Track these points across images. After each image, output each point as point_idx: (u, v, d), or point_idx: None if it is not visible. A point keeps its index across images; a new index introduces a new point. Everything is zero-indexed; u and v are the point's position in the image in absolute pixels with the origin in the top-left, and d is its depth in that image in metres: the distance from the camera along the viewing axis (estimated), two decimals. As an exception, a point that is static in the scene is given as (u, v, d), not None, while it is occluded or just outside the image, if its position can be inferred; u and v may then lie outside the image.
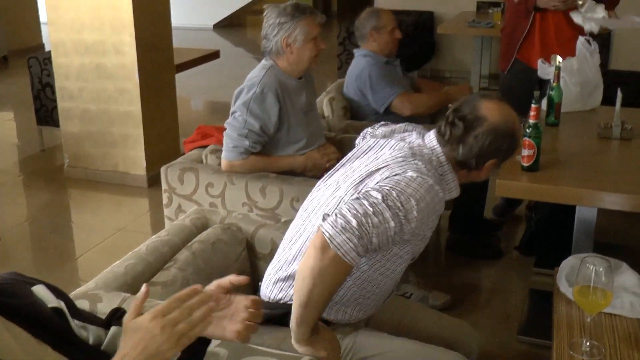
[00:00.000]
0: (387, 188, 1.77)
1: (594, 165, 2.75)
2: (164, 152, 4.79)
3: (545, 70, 3.33)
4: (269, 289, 2.08)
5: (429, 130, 2.07)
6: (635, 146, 2.91)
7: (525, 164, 2.58)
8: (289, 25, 2.83)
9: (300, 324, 1.78)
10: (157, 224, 3.99)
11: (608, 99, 3.31)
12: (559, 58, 3.25)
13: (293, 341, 1.81)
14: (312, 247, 1.71)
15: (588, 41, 3.35)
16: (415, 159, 1.88)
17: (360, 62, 3.72)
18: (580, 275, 1.76)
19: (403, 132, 2.10)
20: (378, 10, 3.77)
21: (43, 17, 6.27)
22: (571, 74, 3.25)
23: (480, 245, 3.69)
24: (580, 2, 3.47)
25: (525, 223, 4.02)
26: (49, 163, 5.38)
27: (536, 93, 2.67)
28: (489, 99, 1.99)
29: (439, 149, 1.97)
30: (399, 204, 1.73)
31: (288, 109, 2.89)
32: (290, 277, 1.99)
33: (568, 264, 2.12)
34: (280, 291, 2.04)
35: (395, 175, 1.83)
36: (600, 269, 1.73)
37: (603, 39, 5.41)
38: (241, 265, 2.35)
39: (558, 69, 3.13)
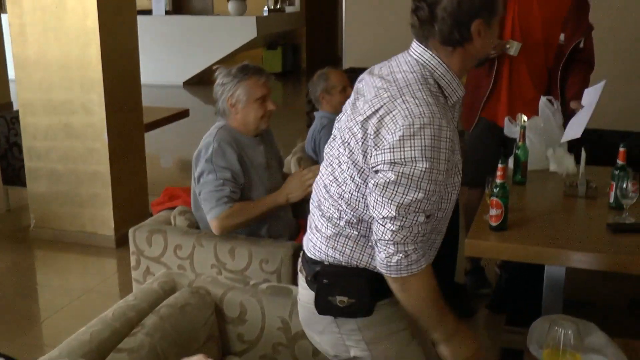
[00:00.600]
0: (395, 191, 1.72)
1: (561, 223, 2.78)
2: (132, 211, 4.76)
3: (511, 129, 3.38)
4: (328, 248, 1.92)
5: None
6: (600, 205, 2.95)
7: (494, 224, 2.60)
8: (231, 86, 2.91)
9: (430, 329, 1.89)
10: (125, 286, 3.93)
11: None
12: (524, 117, 3.32)
13: (441, 347, 1.90)
14: (397, 292, 1.82)
15: (550, 101, 3.43)
16: (400, 101, 1.74)
17: (317, 124, 3.80)
18: (549, 337, 1.76)
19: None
20: (327, 72, 3.82)
21: (12, 74, 6.31)
22: (536, 133, 3.31)
23: (451, 305, 3.67)
24: (508, 46, 3.52)
25: (495, 281, 4.03)
26: (14, 224, 5.30)
27: (503, 158, 2.70)
28: None
29: (425, 56, 1.81)
30: (411, 182, 1.70)
31: (246, 162, 2.91)
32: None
33: (538, 325, 2.11)
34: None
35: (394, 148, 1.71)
36: (569, 332, 1.73)
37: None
38: (210, 330, 2.31)
39: (523, 128, 3.19)
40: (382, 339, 1.95)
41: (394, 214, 1.72)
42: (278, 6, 13.33)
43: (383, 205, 1.73)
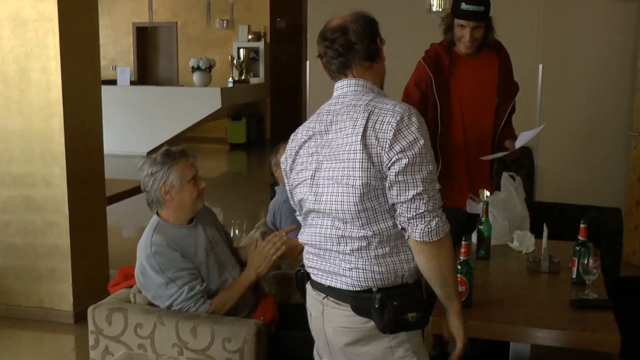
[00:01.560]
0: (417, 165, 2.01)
1: (525, 300, 2.79)
2: (92, 285, 4.66)
3: (473, 207, 3.41)
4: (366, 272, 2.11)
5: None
6: (563, 280, 2.96)
7: (458, 300, 2.59)
8: (162, 174, 2.86)
9: (451, 299, 2.13)
10: (83, 364, 3.81)
11: (534, 231, 3.40)
12: (486, 192, 3.35)
13: (453, 318, 2.15)
14: (433, 257, 2.05)
15: (512, 176, 3.48)
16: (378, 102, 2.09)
17: (277, 198, 3.81)
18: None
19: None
20: (279, 146, 3.79)
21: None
22: (499, 209, 3.35)
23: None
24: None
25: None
26: (-31, 298, 5.14)
27: (466, 235, 2.72)
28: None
29: (358, 82, 2.17)
30: (422, 159, 2.00)
31: (190, 256, 2.87)
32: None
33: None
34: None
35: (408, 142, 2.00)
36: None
37: (527, 169, 5.65)
38: (170, 414, 2.24)
39: (486, 203, 3.22)
40: (421, 346, 2.19)
41: (421, 188, 1.99)
42: (243, 77, 13.48)
43: (408, 186, 2.00)
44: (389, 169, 2.01)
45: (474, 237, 3.23)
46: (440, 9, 6.44)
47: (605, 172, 6.09)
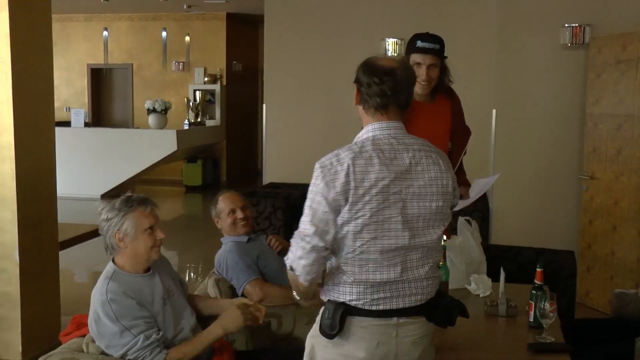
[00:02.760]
0: None
1: (484, 344, 2.80)
2: (43, 334, 4.51)
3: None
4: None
5: None
6: (521, 323, 2.99)
7: (418, 346, 2.58)
8: (117, 220, 2.80)
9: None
10: (31, 416, 3.67)
11: (491, 274, 3.42)
12: (444, 237, 3.37)
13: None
14: None
15: (468, 221, 3.51)
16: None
17: (222, 249, 3.76)
18: None
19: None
20: (217, 197, 3.82)
21: None
22: (456, 253, 3.37)
23: None
24: None
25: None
26: None
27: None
28: None
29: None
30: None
31: (146, 305, 2.80)
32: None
33: None
34: None
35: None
36: None
37: (482, 212, 5.72)
38: None
39: (444, 248, 3.23)
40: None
41: None
42: (199, 120, 13.45)
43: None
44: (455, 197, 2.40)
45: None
46: (396, 54, 6.57)
47: (558, 214, 6.20)
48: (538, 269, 2.93)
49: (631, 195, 5.36)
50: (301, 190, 7.54)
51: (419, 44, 3.53)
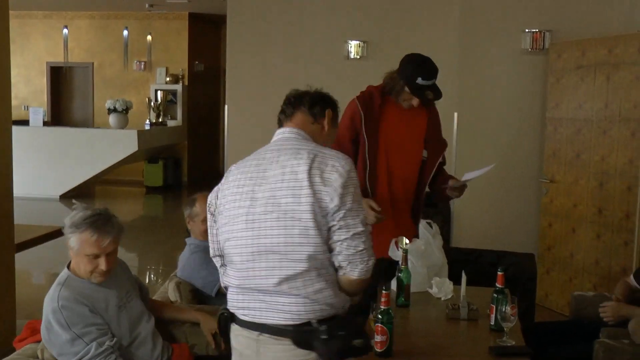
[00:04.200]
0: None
1: (445, 348, 2.80)
2: (-3, 338, 4.42)
3: (395, 253, 3.42)
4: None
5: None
6: (482, 326, 3.00)
7: (379, 350, 2.59)
8: (68, 231, 2.78)
9: None
10: None
11: (452, 277, 3.43)
12: (405, 240, 3.37)
13: None
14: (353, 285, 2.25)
15: (429, 224, 3.51)
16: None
17: (186, 250, 3.67)
18: None
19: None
20: (195, 198, 3.68)
21: None
22: (417, 257, 3.37)
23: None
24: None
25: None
26: None
27: (386, 284, 2.72)
28: None
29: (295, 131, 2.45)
30: (359, 205, 2.26)
31: (99, 311, 2.76)
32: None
33: None
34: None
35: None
36: None
37: (444, 215, 5.74)
38: None
39: (406, 251, 3.23)
40: None
41: (361, 229, 2.20)
42: (160, 120, 13.30)
43: (352, 226, 2.19)
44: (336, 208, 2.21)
45: (394, 284, 3.24)
46: (358, 56, 6.57)
47: (518, 217, 6.26)
48: (499, 273, 2.95)
49: (589, 198, 5.44)
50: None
51: (420, 81, 3.53)
